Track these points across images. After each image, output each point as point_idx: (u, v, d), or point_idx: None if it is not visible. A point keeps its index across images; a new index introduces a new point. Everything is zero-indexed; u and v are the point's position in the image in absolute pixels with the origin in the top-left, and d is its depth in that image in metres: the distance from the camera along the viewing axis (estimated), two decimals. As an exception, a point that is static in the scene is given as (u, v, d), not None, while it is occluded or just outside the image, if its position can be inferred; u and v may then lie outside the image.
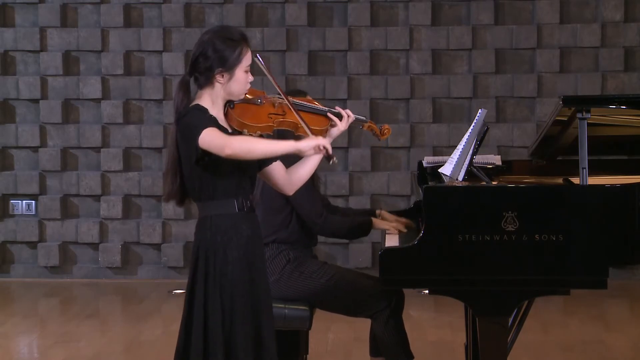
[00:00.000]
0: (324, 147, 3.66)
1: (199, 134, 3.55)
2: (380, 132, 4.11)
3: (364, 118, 4.09)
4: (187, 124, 3.63)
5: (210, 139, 3.55)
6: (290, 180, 3.85)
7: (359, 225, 4.74)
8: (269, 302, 3.81)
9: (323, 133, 3.84)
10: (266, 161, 3.78)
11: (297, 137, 3.84)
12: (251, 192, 3.78)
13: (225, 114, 3.72)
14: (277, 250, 4.64)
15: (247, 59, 3.70)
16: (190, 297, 3.73)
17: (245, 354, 3.68)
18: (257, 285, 3.75)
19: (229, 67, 3.66)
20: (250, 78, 3.72)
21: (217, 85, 3.69)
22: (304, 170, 3.86)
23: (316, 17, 7.80)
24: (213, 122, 3.62)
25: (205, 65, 3.67)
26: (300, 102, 3.87)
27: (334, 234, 4.81)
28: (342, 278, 4.64)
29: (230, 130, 3.70)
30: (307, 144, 3.65)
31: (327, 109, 3.89)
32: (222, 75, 3.67)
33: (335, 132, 3.88)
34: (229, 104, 3.72)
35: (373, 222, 4.71)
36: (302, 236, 4.69)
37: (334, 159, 3.68)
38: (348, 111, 3.91)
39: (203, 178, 3.68)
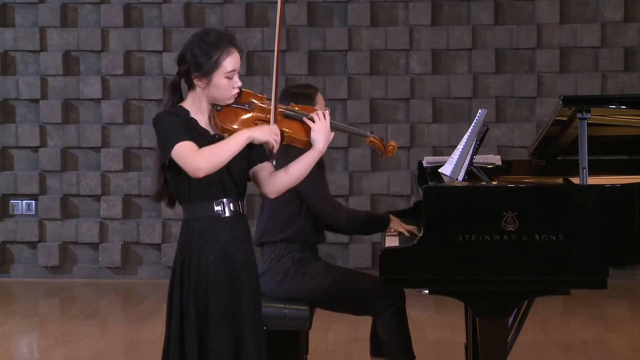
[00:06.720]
0: (274, 142, 3.57)
1: (172, 148, 3.51)
2: (385, 149, 3.99)
3: (366, 133, 3.99)
4: (159, 132, 3.57)
5: (180, 158, 3.50)
6: (274, 181, 3.68)
7: (376, 217, 4.70)
8: (255, 308, 3.70)
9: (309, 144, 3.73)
10: (254, 160, 3.69)
11: (286, 146, 3.78)
12: (238, 194, 3.67)
13: (213, 117, 3.65)
14: (285, 251, 4.58)
15: (228, 64, 3.59)
16: (169, 302, 3.70)
17: None
18: (237, 291, 3.65)
19: (205, 72, 3.58)
20: (238, 83, 3.63)
21: (198, 89, 3.63)
22: (290, 175, 3.67)
23: (316, 17, 7.79)
24: (183, 130, 3.54)
25: (183, 69, 3.63)
26: (290, 110, 3.75)
27: (348, 225, 4.65)
28: (345, 279, 4.62)
29: (212, 133, 3.64)
30: (263, 134, 3.55)
31: (303, 113, 3.75)
32: (200, 80, 3.60)
33: (317, 135, 3.67)
34: (215, 107, 3.65)
35: (391, 219, 4.65)
36: (311, 233, 4.61)
37: (274, 161, 3.64)
38: (318, 111, 3.74)
39: (178, 181, 3.61)
